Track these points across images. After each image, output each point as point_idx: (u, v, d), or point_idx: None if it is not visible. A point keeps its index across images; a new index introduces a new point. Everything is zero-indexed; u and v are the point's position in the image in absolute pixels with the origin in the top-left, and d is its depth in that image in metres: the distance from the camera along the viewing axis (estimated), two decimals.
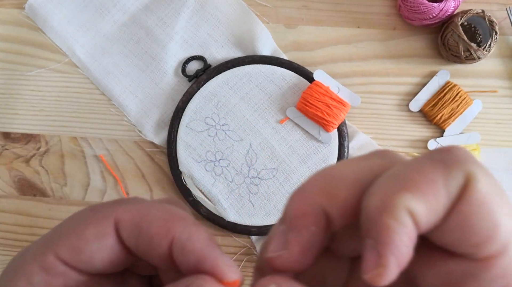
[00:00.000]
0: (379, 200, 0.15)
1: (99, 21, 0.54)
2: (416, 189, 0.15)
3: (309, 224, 0.16)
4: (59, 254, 0.17)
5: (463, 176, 0.15)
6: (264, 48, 0.52)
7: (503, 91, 0.52)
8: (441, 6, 0.48)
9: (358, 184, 0.16)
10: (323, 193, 0.16)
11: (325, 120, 0.49)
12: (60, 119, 0.53)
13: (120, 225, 0.18)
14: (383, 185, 0.15)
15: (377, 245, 0.15)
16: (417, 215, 0.15)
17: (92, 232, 0.18)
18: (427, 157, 0.16)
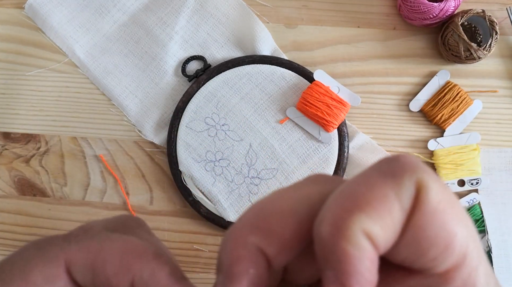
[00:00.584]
0: (332, 225, 0.14)
1: (99, 21, 0.54)
2: (369, 207, 0.13)
3: (246, 268, 0.14)
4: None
5: (414, 186, 0.14)
6: (264, 48, 0.52)
7: (503, 91, 0.52)
8: (441, 6, 0.48)
9: (295, 216, 0.15)
10: (255, 231, 0.15)
11: (325, 120, 0.49)
12: (60, 119, 0.53)
13: (72, 267, 0.16)
14: (333, 207, 0.14)
15: (339, 276, 0.13)
16: (375, 237, 0.13)
17: (40, 275, 0.16)
18: (374, 169, 0.15)
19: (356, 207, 0.13)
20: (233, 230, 0.15)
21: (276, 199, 0.15)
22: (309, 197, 0.15)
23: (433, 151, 0.51)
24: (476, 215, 0.49)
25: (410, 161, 0.15)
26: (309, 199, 0.15)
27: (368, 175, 0.15)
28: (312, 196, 0.15)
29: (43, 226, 0.52)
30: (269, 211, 0.15)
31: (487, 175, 0.51)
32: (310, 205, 0.15)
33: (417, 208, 0.14)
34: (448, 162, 0.50)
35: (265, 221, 0.15)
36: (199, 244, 0.51)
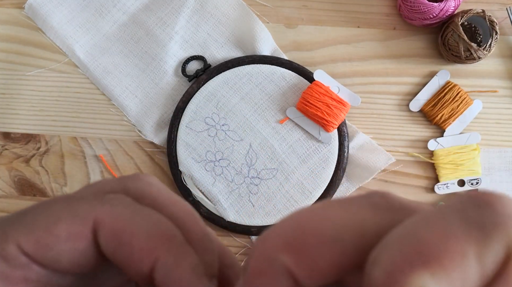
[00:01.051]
0: (387, 273, 0.11)
1: (99, 21, 0.54)
2: (437, 265, 0.11)
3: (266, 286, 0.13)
4: (22, 245, 0.15)
5: (504, 248, 0.11)
6: (264, 48, 0.52)
7: (503, 91, 0.52)
8: (441, 6, 0.48)
9: (338, 246, 0.12)
10: (288, 250, 0.13)
11: (325, 120, 0.49)
12: (60, 119, 0.53)
13: (99, 228, 0.15)
14: (393, 252, 0.11)
15: None
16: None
17: (65, 230, 0.15)
18: (458, 212, 0.12)
19: (421, 261, 0.11)
20: (264, 240, 0.13)
21: (321, 218, 0.13)
22: (362, 226, 0.13)
23: (433, 151, 0.51)
24: None
25: (507, 212, 0.11)
26: (361, 228, 0.13)
27: (447, 218, 0.11)
28: (367, 226, 0.13)
29: None
30: (310, 231, 0.13)
31: (487, 175, 0.51)
32: (361, 236, 0.12)
33: (502, 277, 0.11)
34: (448, 162, 0.50)
35: (302, 242, 0.13)
36: None
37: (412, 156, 0.52)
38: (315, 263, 0.12)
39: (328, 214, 0.13)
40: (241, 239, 0.51)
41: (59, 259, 0.15)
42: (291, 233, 0.13)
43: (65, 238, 0.15)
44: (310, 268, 0.13)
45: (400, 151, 0.52)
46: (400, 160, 0.52)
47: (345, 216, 0.13)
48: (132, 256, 0.15)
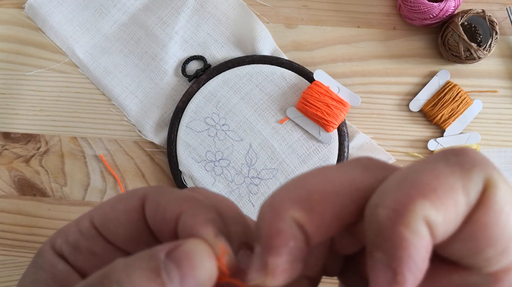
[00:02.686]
0: (391, 210, 0.13)
1: (99, 21, 0.54)
2: (434, 195, 0.13)
3: (286, 241, 0.14)
4: (93, 220, 0.19)
5: (482, 181, 0.14)
6: (264, 48, 0.52)
7: (503, 91, 0.52)
8: (441, 6, 0.48)
9: (338, 200, 0.15)
10: (297, 207, 0.15)
11: (325, 120, 0.49)
12: (60, 119, 0.53)
13: (146, 201, 0.18)
14: (394, 191, 0.14)
15: (391, 261, 0.13)
16: (435, 225, 0.13)
17: (123, 205, 0.19)
18: (440, 159, 0.14)
19: (420, 194, 0.13)
20: (273, 201, 0.15)
21: (321, 178, 0.15)
22: (356, 184, 0.15)
23: (433, 151, 0.51)
24: None
25: (479, 156, 0.14)
26: (356, 185, 0.15)
27: (433, 164, 0.14)
28: (360, 184, 0.15)
29: (43, 226, 0.52)
30: (313, 189, 0.15)
31: None
32: (356, 192, 0.15)
33: (482, 205, 0.13)
34: None
35: (307, 198, 0.15)
36: None
37: (412, 156, 0.52)
38: (321, 216, 0.14)
39: (328, 175, 0.15)
40: None
41: (117, 230, 0.18)
42: (298, 192, 0.15)
43: (122, 211, 0.18)
44: (318, 221, 0.14)
45: (400, 151, 0.52)
46: (400, 160, 0.52)
47: (341, 175, 0.15)
48: (164, 217, 0.17)
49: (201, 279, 0.15)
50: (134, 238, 0.19)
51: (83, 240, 0.19)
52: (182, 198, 0.18)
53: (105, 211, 0.19)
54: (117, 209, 0.19)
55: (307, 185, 0.15)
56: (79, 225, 0.19)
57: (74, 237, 0.19)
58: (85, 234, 0.19)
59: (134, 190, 0.19)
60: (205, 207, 0.17)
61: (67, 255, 0.19)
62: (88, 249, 0.19)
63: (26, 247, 0.51)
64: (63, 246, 0.19)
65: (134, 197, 0.19)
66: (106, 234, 0.19)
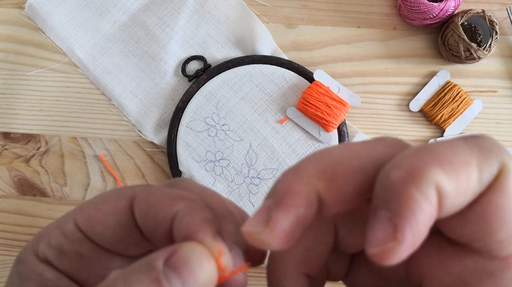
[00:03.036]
0: (405, 171, 0.13)
1: (99, 21, 0.54)
2: (448, 165, 0.13)
3: (299, 204, 0.14)
4: (78, 222, 0.18)
5: (497, 165, 0.14)
6: (264, 48, 0.52)
7: (503, 91, 0.52)
8: (441, 6, 0.48)
9: (361, 173, 0.15)
10: (321, 176, 0.15)
11: (325, 120, 0.49)
12: (60, 119, 0.53)
13: (134, 201, 0.18)
14: (410, 156, 0.14)
15: (394, 217, 0.13)
16: (444, 194, 0.13)
17: (109, 206, 0.18)
18: (460, 139, 0.15)
19: (435, 161, 0.13)
20: (298, 166, 0.15)
21: (347, 152, 0.15)
22: (380, 159, 0.15)
23: None
24: None
25: (496, 143, 0.15)
26: (380, 160, 0.15)
27: (452, 141, 0.14)
28: (384, 158, 0.15)
29: (43, 226, 0.52)
30: (338, 161, 0.15)
31: None
32: (377, 167, 0.15)
33: (496, 187, 0.14)
34: None
35: (332, 169, 0.15)
36: None
37: None
38: (342, 188, 0.15)
39: (353, 150, 0.15)
40: None
41: (105, 232, 0.18)
42: (324, 162, 0.15)
43: (109, 213, 0.18)
44: (337, 193, 0.15)
45: None
46: None
47: (367, 151, 0.15)
48: (157, 217, 0.17)
49: (202, 282, 0.15)
50: (122, 239, 0.18)
51: (68, 243, 0.18)
52: (174, 197, 0.17)
53: (90, 213, 0.18)
54: (104, 210, 0.18)
55: (334, 157, 0.15)
56: (62, 228, 0.18)
57: (57, 241, 0.18)
58: (70, 237, 0.18)
59: (119, 190, 0.19)
60: (200, 206, 0.17)
61: (52, 260, 0.18)
62: (75, 251, 0.18)
63: None
64: (46, 251, 0.18)
65: (121, 198, 0.18)
66: (92, 237, 0.18)
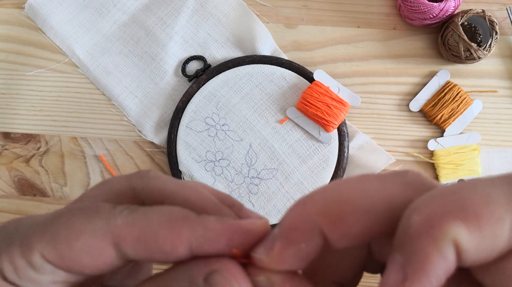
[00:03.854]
0: (425, 218, 0.13)
1: (99, 21, 0.54)
2: (474, 220, 0.12)
3: (299, 240, 0.15)
4: (46, 256, 0.16)
5: None
6: (264, 48, 0.52)
7: (503, 91, 0.52)
8: (441, 6, 0.48)
9: (370, 217, 0.14)
10: (325, 215, 0.15)
11: (325, 120, 0.49)
12: (60, 119, 0.53)
13: (122, 243, 0.16)
14: (435, 201, 0.13)
15: (406, 265, 0.13)
16: (464, 252, 0.12)
17: (86, 245, 0.16)
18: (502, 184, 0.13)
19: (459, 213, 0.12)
20: (306, 201, 0.15)
21: (358, 190, 0.15)
22: (394, 200, 0.14)
23: (433, 151, 0.51)
24: None
25: None
26: (394, 202, 0.14)
27: (490, 187, 0.13)
28: (400, 201, 0.14)
29: None
30: (346, 200, 0.14)
31: (487, 175, 0.51)
32: (393, 209, 0.14)
33: None
34: (448, 162, 0.50)
35: (338, 208, 0.14)
36: None
37: (412, 156, 0.52)
38: (347, 229, 0.14)
39: (365, 187, 0.15)
40: None
41: (83, 269, 0.16)
42: (330, 200, 0.15)
43: (87, 252, 0.16)
44: (342, 233, 0.14)
45: (400, 151, 0.52)
46: (400, 160, 0.52)
47: (381, 190, 0.14)
48: (163, 249, 0.16)
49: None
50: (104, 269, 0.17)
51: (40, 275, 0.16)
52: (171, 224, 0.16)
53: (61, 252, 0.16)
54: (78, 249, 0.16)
55: (342, 194, 0.15)
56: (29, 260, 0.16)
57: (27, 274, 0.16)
58: (40, 269, 0.16)
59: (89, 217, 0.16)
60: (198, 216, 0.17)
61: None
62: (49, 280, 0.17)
63: None
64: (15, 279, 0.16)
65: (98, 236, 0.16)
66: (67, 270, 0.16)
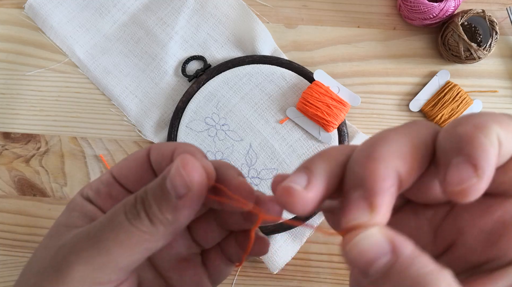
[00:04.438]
0: (473, 126, 0.16)
1: (99, 21, 0.54)
2: (505, 124, 0.16)
3: (390, 185, 0.17)
4: (112, 171, 0.25)
5: None
6: (264, 48, 0.52)
7: (503, 91, 0.52)
8: (441, 6, 0.48)
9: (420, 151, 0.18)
10: (398, 157, 0.17)
11: (325, 120, 0.49)
12: (60, 119, 0.53)
13: (150, 151, 0.24)
14: (473, 117, 0.17)
15: (471, 159, 0.15)
16: (502, 143, 0.16)
17: (133, 156, 0.25)
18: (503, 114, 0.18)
19: (494, 120, 0.16)
20: (375, 154, 0.18)
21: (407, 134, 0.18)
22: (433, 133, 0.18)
23: None
24: None
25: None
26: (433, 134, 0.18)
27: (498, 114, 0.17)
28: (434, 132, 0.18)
29: (43, 226, 0.52)
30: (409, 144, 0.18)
31: None
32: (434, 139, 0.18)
33: None
34: None
35: (405, 151, 0.18)
36: None
37: None
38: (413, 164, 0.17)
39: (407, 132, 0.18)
40: None
41: (129, 175, 0.24)
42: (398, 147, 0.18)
43: (134, 159, 0.25)
44: (409, 168, 0.17)
45: None
46: None
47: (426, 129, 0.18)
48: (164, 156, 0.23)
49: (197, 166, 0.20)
50: (142, 179, 0.24)
51: (103, 186, 0.25)
52: (174, 143, 0.24)
53: (121, 163, 0.25)
54: (129, 159, 0.25)
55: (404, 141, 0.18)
56: (101, 177, 0.25)
57: (96, 185, 0.25)
58: (105, 182, 0.25)
59: (138, 150, 0.25)
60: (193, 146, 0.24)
61: (92, 199, 0.24)
62: (107, 193, 0.24)
63: (26, 247, 0.51)
64: (88, 192, 0.25)
65: (141, 151, 0.25)
66: (120, 180, 0.25)
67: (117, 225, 0.20)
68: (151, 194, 0.20)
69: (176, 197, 0.20)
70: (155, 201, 0.20)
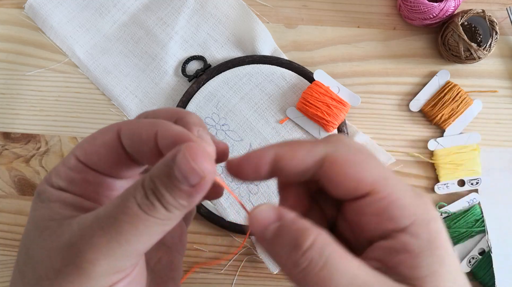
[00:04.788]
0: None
1: (99, 21, 0.54)
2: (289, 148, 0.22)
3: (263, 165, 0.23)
4: (77, 156, 0.23)
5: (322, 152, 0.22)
6: (264, 48, 0.52)
7: (503, 91, 0.52)
8: (441, 6, 0.48)
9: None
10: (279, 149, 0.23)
11: (325, 120, 0.49)
12: (60, 119, 0.53)
13: (121, 132, 0.23)
14: None
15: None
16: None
17: (100, 140, 0.23)
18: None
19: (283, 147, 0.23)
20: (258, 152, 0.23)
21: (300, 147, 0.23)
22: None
23: (433, 151, 0.51)
24: (476, 215, 0.49)
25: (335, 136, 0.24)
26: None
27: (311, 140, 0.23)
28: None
29: None
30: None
31: (487, 175, 0.51)
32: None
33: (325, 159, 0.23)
34: (448, 162, 0.50)
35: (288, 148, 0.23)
36: (199, 244, 0.51)
37: (412, 156, 0.52)
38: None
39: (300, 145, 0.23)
40: (241, 239, 0.51)
41: (100, 161, 0.23)
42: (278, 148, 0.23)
43: (102, 145, 0.23)
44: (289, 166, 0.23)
45: (400, 151, 0.52)
46: (400, 160, 0.52)
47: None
48: (141, 138, 0.22)
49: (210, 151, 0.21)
50: (115, 164, 0.24)
51: (74, 173, 0.23)
52: (153, 122, 0.23)
53: (85, 148, 0.23)
54: (96, 143, 0.23)
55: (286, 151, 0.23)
56: (66, 163, 0.24)
57: (65, 173, 0.23)
58: (74, 169, 0.23)
59: (107, 127, 0.24)
60: (175, 125, 0.23)
61: (64, 187, 0.23)
62: (82, 179, 0.23)
63: None
64: (59, 181, 0.23)
65: (108, 132, 0.23)
66: (91, 166, 0.23)
67: (134, 217, 0.20)
68: (161, 183, 0.20)
69: (189, 186, 0.20)
70: (166, 190, 0.20)
